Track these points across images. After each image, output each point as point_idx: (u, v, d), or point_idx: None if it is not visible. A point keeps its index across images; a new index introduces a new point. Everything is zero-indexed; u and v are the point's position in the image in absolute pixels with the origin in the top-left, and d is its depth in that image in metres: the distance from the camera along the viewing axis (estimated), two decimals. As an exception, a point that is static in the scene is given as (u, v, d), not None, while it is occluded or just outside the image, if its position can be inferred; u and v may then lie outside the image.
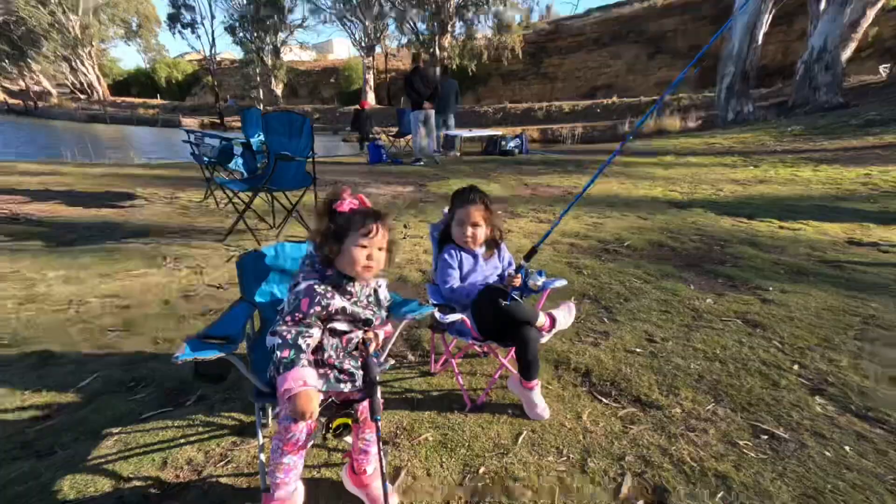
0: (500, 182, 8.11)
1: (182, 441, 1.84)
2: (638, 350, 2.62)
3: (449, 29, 30.62)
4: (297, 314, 1.43)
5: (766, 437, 1.91)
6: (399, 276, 3.70)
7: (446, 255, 2.19)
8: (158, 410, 2.01)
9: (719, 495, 1.66)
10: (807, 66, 14.18)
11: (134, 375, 2.25)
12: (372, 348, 1.58)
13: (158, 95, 46.55)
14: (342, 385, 1.51)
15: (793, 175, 8.01)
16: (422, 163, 10.56)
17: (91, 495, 1.53)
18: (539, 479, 1.73)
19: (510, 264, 2.32)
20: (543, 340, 2.09)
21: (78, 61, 41.99)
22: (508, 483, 1.72)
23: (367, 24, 34.47)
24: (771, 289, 3.40)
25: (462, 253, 2.19)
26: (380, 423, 1.47)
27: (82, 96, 43.07)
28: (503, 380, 2.25)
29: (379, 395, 1.50)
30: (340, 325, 1.53)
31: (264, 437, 1.82)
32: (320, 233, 1.51)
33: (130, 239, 4.34)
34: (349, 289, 1.53)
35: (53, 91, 42.90)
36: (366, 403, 1.55)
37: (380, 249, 1.52)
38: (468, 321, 2.04)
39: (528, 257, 2.10)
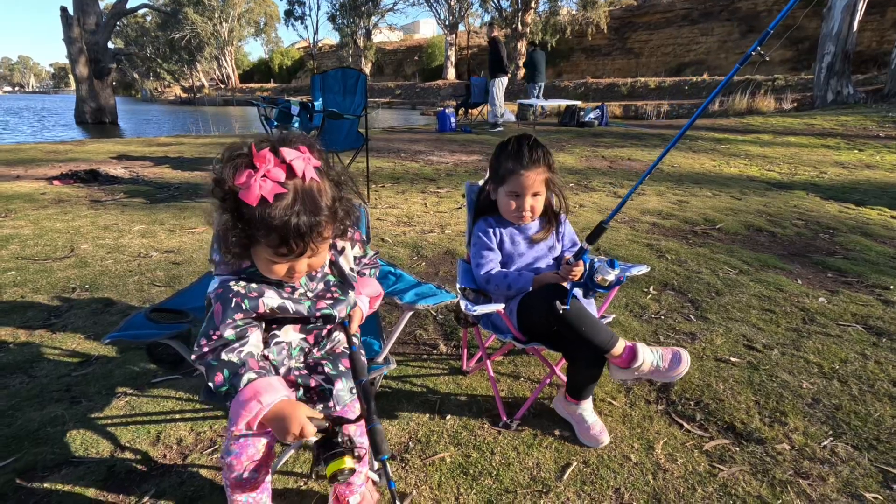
0: (575, 153, 7.23)
1: (178, 417, 1.57)
2: (734, 359, 1.91)
3: (532, 5, 28.53)
4: (212, 332, 0.89)
5: (898, 486, 1.33)
6: (447, 249, 3.16)
7: (481, 232, 1.53)
8: (168, 377, 1.77)
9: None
10: (902, 56, 12.71)
11: (158, 335, 2.04)
12: (353, 327, 1.05)
13: (272, 80, 49.40)
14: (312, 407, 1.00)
15: (900, 162, 6.81)
16: (500, 129, 9.81)
17: (91, 457, 1.40)
18: (589, 536, 1.16)
19: (574, 245, 1.61)
20: (620, 377, 1.38)
21: (223, 58, 48.28)
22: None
23: (451, 2, 33.57)
24: (892, 287, 2.67)
25: (503, 229, 1.53)
26: (388, 464, 0.92)
27: (222, 86, 48.64)
28: (551, 387, 1.61)
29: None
30: (287, 335, 0.99)
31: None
32: (221, 225, 0.87)
33: (203, 199, 4.37)
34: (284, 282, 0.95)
35: (206, 83, 49.04)
36: (358, 428, 1.01)
37: (311, 256, 0.90)
38: (506, 316, 1.42)
39: (591, 238, 1.35)
